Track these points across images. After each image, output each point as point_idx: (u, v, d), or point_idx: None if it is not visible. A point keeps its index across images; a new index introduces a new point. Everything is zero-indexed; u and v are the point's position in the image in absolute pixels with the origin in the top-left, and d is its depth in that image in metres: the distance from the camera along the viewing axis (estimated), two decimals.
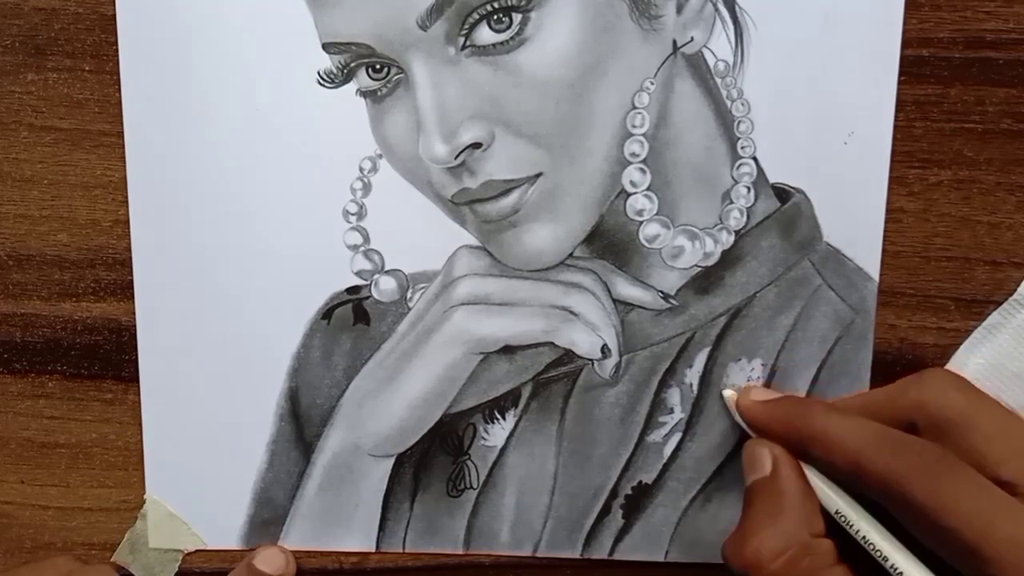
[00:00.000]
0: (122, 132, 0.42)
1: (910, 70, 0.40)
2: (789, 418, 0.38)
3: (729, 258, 0.42)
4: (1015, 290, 0.42)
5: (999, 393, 0.40)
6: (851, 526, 0.36)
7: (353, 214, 0.41)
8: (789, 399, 0.40)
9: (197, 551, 0.45)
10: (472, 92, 0.39)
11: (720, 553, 0.38)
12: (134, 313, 0.43)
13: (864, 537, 0.36)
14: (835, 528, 0.37)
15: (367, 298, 0.42)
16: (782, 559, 0.35)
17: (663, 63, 0.40)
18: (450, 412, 0.43)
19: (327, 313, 0.43)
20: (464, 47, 0.39)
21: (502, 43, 0.38)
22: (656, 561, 0.44)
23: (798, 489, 0.37)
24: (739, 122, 0.41)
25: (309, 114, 0.41)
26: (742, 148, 0.41)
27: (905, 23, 0.40)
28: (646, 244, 0.41)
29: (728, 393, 0.42)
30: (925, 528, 0.33)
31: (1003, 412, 0.37)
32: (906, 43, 0.40)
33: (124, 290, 0.43)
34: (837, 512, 0.37)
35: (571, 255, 0.41)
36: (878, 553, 0.35)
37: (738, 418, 0.41)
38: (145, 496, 0.44)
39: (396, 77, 0.40)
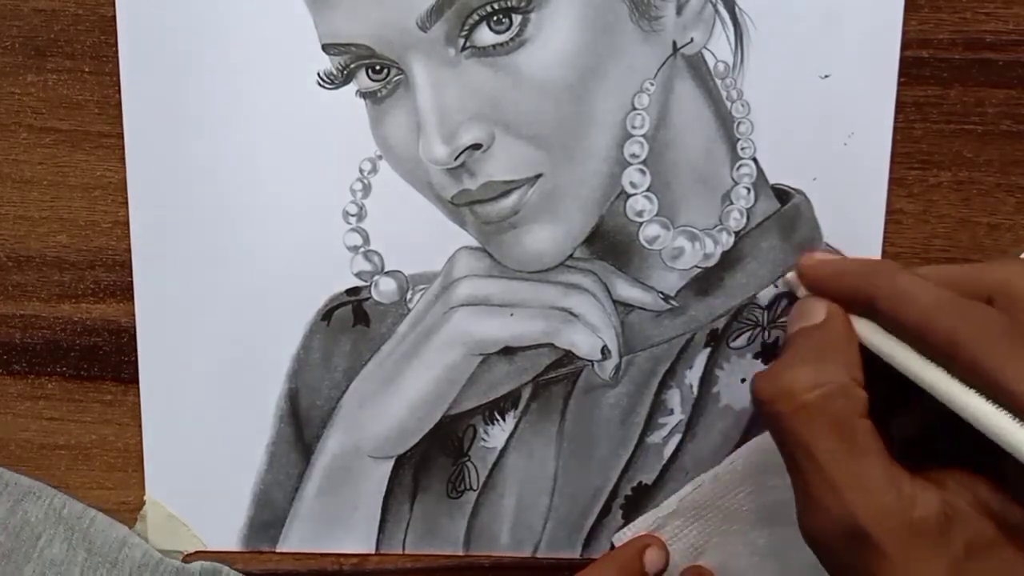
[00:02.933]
0: (122, 133, 0.42)
1: (910, 71, 0.40)
2: (860, 271, 0.37)
3: (729, 259, 0.42)
4: None
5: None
6: (927, 363, 0.34)
7: (353, 215, 0.41)
8: (857, 258, 0.39)
9: (197, 552, 0.45)
10: (472, 93, 0.39)
11: (749, 388, 0.36)
12: (134, 314, 0.43)
13: (925, 380, 0.34)
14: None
15: (367, 299, 0.42)
16: (818, 391, 0.34)
17: (663, 64, 0.40)
18: (450, 413, 0.43)
19: (327, 314, 0.43)
20: (464, 48, 0.39)
21: (502, 44, 0.38)
22: None
23: (847, 338, 0.36)
24: (739, 123, 0.41)
25: (309, 115, 0.41)
26: (742, 149, 0.41)
27: (905, 24, 0.40)
28: (646, 245, 0.41)
29: (790, 275, 0.39)
30: (988, 393, 0.32)
31: None
32: (906, 44, 0.40)
33: (124, 291, 0.43)
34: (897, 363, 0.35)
35: (571, 256, 0.41)
36: (940, 395, 0.33)
37: (801, 292, 0.38)
38: (145, 497, 0.44)
39: (396, 78, 0.40)
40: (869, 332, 0.36)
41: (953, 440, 0.34)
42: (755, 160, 0.41)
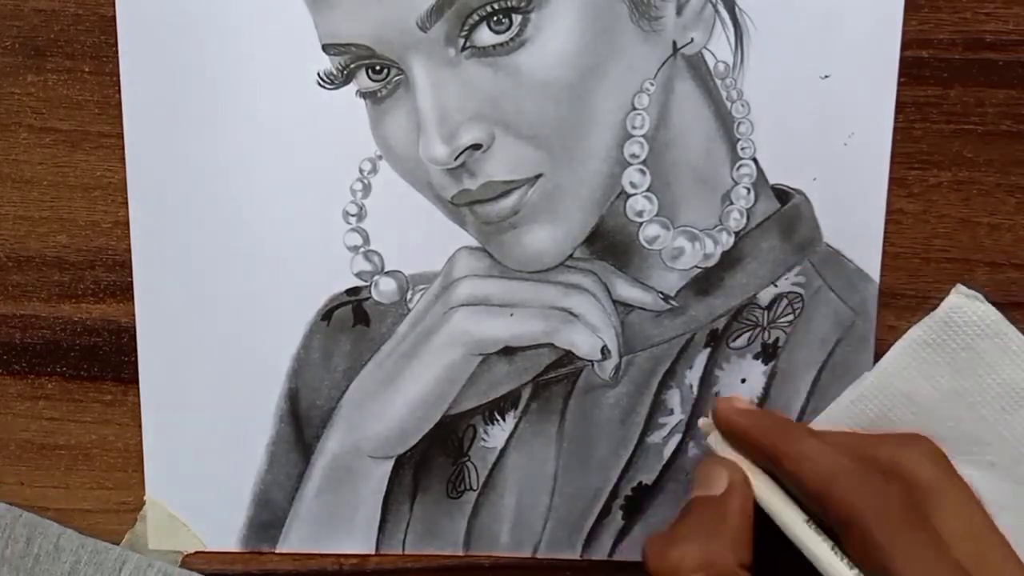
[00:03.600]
0: (122, 133, 0.42)
1: (910, 71, 0.40)
2: (770, 429, 0.38)
3: (729, 259, 0.42)
4: (1013, 291, 0.42)
5: (887, 412, 0.41)
6: (819, 534, 0.36)
7: (353, 215, 0.41)
8: (771, 412, 0.41)
9: (196, 552, 0.45)
10: (472, 93, 0.39)
11: (640, 549, 0.37)
12: (134, 314, 0.43)
13: (832, 547, 0.36)
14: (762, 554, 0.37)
15: (367, 299, 0.42)
16: (702, 574, 0.35)
17: (663, 64, 0.40)
18: (450, 413, 0.43)
19: (327, 314, 0.43)
20: (464, 48, 0.39)
21: (502, 44, 0.38)
22: None
23: (742, 517, 0.37)
24: (739, 123, 0.41)
25: (309, 115, 0.41)
26: (742, 149, 0.41)
27: (905, 24, 0.40)
28: (646, 245, 0.41)
29: (703, 420, 0.40)
30: (873, 567, 0.34)
31: (968, 496, 0.37)
32: (906, 44, 0.40)
33: (124, 291, 0.43)
34: (807, 521, 0.36)
35: (571, 256, 0.41)
36: (846, 562, 0.35)
37: (711, 439, 0.40)
38: (145, 497, 0.44)
39: (396, 78, 0.40)
40: (768, 496, 0.37)
41: None
42: (755, 160, 0.41)
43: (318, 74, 0.40)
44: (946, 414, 0.40)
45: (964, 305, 0.40)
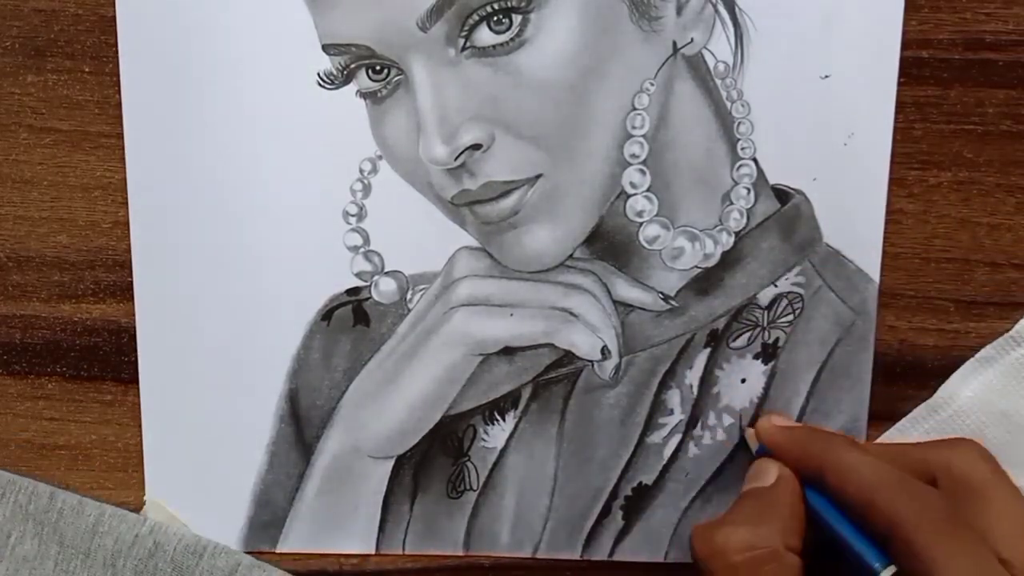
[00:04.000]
0: (122, 134, 0.42)
1: (910, 71, 0.40)
2: (811, 443, 0.39)
3: (729, 259, 0.42)
4: (1013, 291, 0.42)
5: (983, 429, 0.41)
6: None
7: (353, 215, 0.41)
8: (812, 427, 0.41)
9: None
10: (472, 93, 0.39)
11: (687, 539, 0.37)
12: (134, 314, 0.43)
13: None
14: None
15: (367, 299, 0.42)
16: (747, 554, 0.35)
17: (663, 64, 0.40)
18: (450, 413, 0.43)
19: (327, 314, 0.43)
20: (464, 48, 0.39)
21: (502, 44, 0.38)
22: (656, 562, 0.44)
23: (792, 504, 0.37)
24: (739, 123, 0.41)
25: (309, 115, 0.41)
26: (742, 149, 0.41)
27: (905, 24, 0.40)
28: (646, 245, 0.41)
29: (749, 431, 0.42)
30: (918, 574, 0.34)
31: (1018, 497, 0.37)
32: (906, 44, 0.40)
33: (124, 291, 0.43)
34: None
35: (571, 256, 0.41)
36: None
37: (752, 443, 0.41)
38: (145, 498, 0.44)
39: (396, 78, 0.40)
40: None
41: None
42: (755, 160, 0.41)
43: (318, 74, 0.40)
44: None
45: None
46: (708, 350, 0.42)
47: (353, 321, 0.43)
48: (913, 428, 0.42)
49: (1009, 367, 0.41)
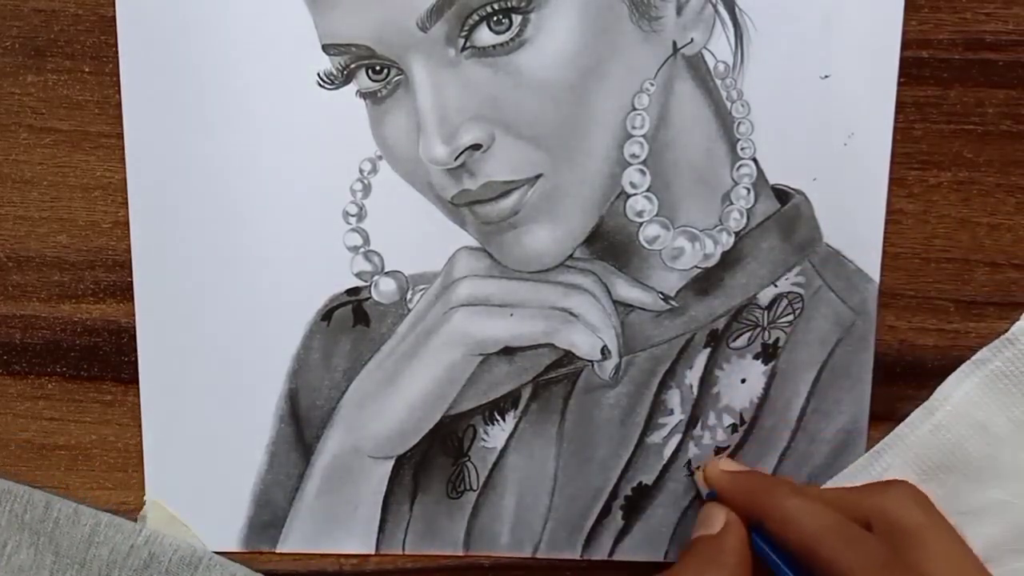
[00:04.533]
0: (122, 134, 0.42)
1: (910, 71, 0.40)
2: (753, 490, 0.40)
3: (729, 259, 0.42)
4: (1013, 291, 0.42)
5: (962, 442, 0.41)
6: None
7: (353, 215, 0.41)
8: (756, 473, 0.42)
9: None
10: (472, 94, 0.39)
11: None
12: (134, 315, 0.43)
13: None
14: None
15: (367, 299, 0.42)
16: None
17: (663, 64, 0.40)
18: (450, 414, 0.43)
19: (327, 315, 0.43)
20: (464, 48, 0.39)
21: (502, 44, 0.38)
22: (656, 562, 0.44)
23: (739, 553, 0.38)
24: (739, 123, 0.41)
25: (309, 115, 0.41)
26: (742, 149, 0.41)
27: (905, 24, 0.40)
28: (646, 245, 0.41)
29: (697, 473, 0.42)
30: None
31: (954, 537, 0.38)
32: (906, 44, 0.40)
33: (124, 292, 0.43)
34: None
35: (571, 256, 0.41)
36: None
37: (702, 487, 0.42)
38: (145, 498, 0.44)
39: (396, 78, 0.40)
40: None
41: None
42: (755, 160, 0.41)
43: (318, 74, 0.40)
44: (1019, 444, 0.40)
45: None
46: (708, 350, 0.42)
47: (353, 321, 0.43)
48: (909, 432, 0.42)
49: (988, 377, 0.41)
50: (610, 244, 0.42)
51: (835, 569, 0.35)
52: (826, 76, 0.40)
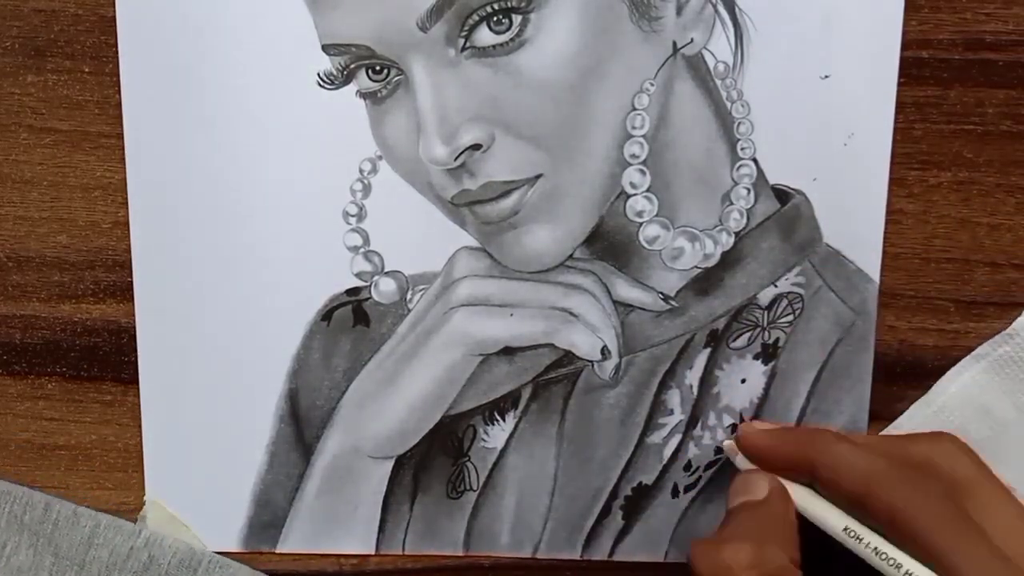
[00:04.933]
0: (122, 134, 0.42)
1: (910, 72, 0.40)
2: (799, 441, 0.38)
3: (729, 259, 0.42)
4: (1013, 291, 0.42)
5: (966, 425, 0.41)
6: (860, 539, 0.36)
7: (353, 215, 0.41)
8: (796, 426, 0.40)
9: None
10: (472, 94, 0.39)
11: (686, 555, 0.37)
12: (134, 315, 0.43)
13: (875, 548, 0.35)
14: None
15: (367, 300, 0.42)
16: (755, 572, 0.35)
17: (663, 64, 0.40)
18: (450, 414, 0.43)
19: (327, 315, 0.43)
20: (464, 49, 0.39)
21: (502, 45, 0.38)
22: (656, 562, 0.44)
23: (787, 517, 0.37)
24: (739, 123, 0.41)
25: (309, 115, 0.41)
26: (742, 149, 0.41)
27: (905, 25, 0.40)
28: (646, 245, 0.41)
29: (727, 443, 0.41)
30: (924, 560, 0.34)
31: (1002, 489, 0.37)
32: (906, 45, 0.40)
33: (124, 292, 0.43)
34: (846, 528, 0.36)
35: (571, 257, 0.41)
36: (891, 562, 0.35)
37: (739, 460, 0.40)
38: (145, 498, 0.44)
39: (396, 79, 0.40)
40: (808, 503, 0.38)
41: None
42: (755, 160, 0.41)
43: (318, 74, 0.40)
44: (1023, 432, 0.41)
45: None
46: (708, 350, 0.42)
47: (353, 321, 0.43)
48: (908, 423, 0.42)
49: (993, 363, 0.41)
50: (610, 244, 0.42)
51: (893, 511, 0.34)
52: (826, 76, 0.40)
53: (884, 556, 0.35)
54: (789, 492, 0.38)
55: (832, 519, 0.37)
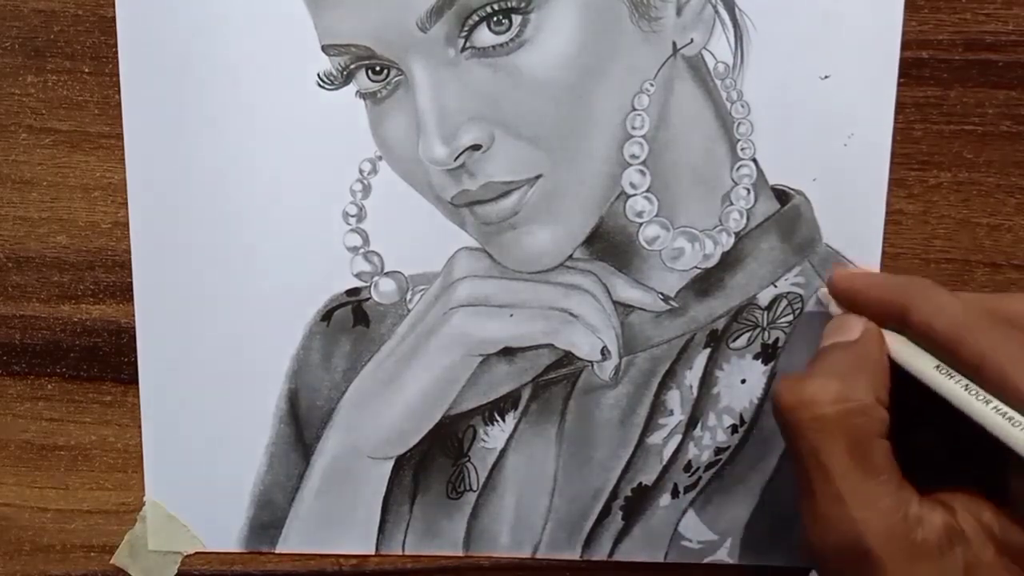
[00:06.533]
0: (121, 134, 0.42)
1: (910, 72, 0.40)
2: (894, 285, 0.38)
3: (729, 260, 0.42)
4: (1013, 292, 0.42)
5: None
6: (951, 376, 0.35)
7: (353, 216, 0.41)
8: (888, 274, 0.39)
9: (196, 553, 0.45)
10: (472, 94, 0.39)
11: (772, 394, 0.36)
12: (133, 315, 0.43)
13: (966, 385, 0.35)
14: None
15: (367, 300, 0.42)
16: (840, 406, 0.34)
17: (663, 65, 0.40)
18: (450, 414, 0.43)
19: (327, 315, 0.43)
20: (464, 49, 0.39)
21: (502, 45, 0.38)
22: (656, 562, 0.44)
23: (878, 358, 0.36)
24: (739, 124, 0.41)
25: (309, 116, 0.41)
26: (742, 150, 0.41)
27: (904, 25, 0.40)
28: (646, 246, 0.41)
29: (822, 291, 0.41)
30: (1013, 406, 0.33)
31: None
32: (905, 45, 0.40)
33: (123, 292, 0.43)
34: (938, 366, 0.36)
35: (571, 257, 0.41)
36: (982, 397, 0.34)
37: (833, 307, 0.40)
38: (144, 498, 0.44)
39: (396, 79, 0.40)
40: (899, 346, 0.37)
41: (967, 461, 0.35)
42: (755, 161, 0.41)
43: (318, 75, 0.40)
44: None
45: None
46: (708, 351, 0.42)
47: (353, 322, 0.43)
48: None
49: None
50: (610, 244, 0.42)
51: (986, 355, 0.34)
52: (826, 76, 0.40)
53: (975, 393, 0.34)
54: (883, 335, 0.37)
55: (923, 360, 0.36)
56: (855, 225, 0.41)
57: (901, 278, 0.39)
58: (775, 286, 0.42)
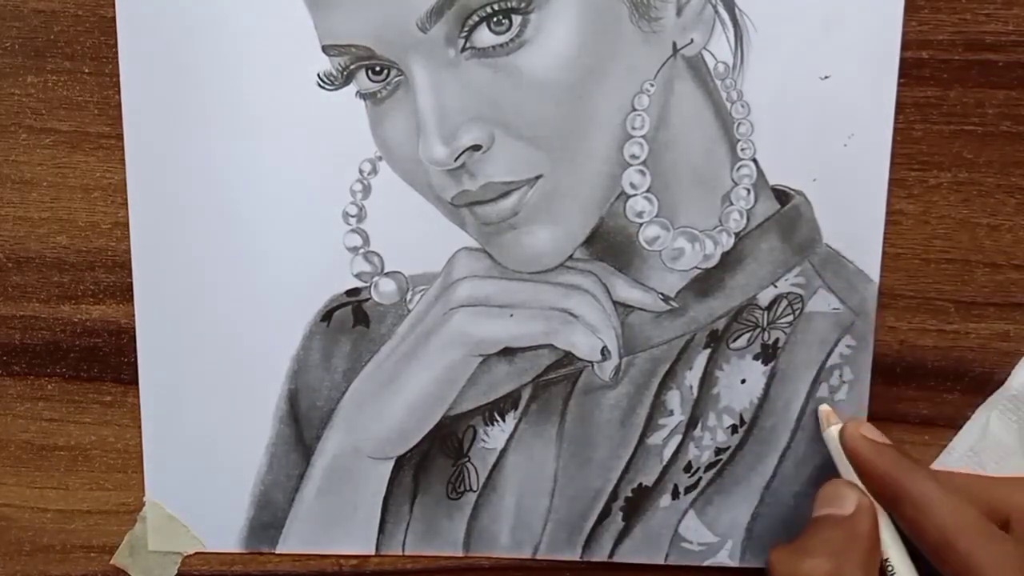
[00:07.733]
0: (122, 134, 0.42)
1: (910, 72, 0.40)
2: (895, 467, 0.38)
3: (729, 260, 0.42)
4: (1013, 292, 0.42)
5: (999, 461, 0.41)
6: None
7: (353, 216, 0.41)
8: (897, 449, 0.40)
9: (196, 553, 0.45)
10: (472, 94, 0.39)
11: (765, 560, 0.37)
12: (133, 315, 0.43)
13: None
14: None
15: (367, 300, 0.42)
16: None
17: (663, 65, 0.40)
18: (450, 414, 0.43)
19: (327, 315, 0.43)
20: (464, 49, 0.39)
21: (502, 45, 0.38)
22: (656, 563, 0.44)
23: (870, 537, 0.37)
24: (739, 124, 0.41)
25: (309, 116, 0.41)
26: (742, 150, 0.41)
27: (905, 25, 0.40)
28: (646, 246, 0.41)
29: (824, 408, 0.41)
30: None
31: None
32: (906, 45, 0.40)
33: (123, 292, 0.43)
34: (886, 560, 0.37)
35: (571, 257, 0.41)
36: None
37: (827, 434, 0.40)
38: (144, 498, 0.44)
39: (396, 79, 0.40)
40: (886, 535, 0.38)
41: None
42: (755, 161, 0.41)
43: (318, 75, 0.40)
44: None
45: None
46: (708, 351, 0.42)
47: (353, 322, 0.43)
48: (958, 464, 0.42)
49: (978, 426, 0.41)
50: (610, 245, 0.42)
51: (970, 565, 0.34)
52: (826, 77, 0.40)
53: None
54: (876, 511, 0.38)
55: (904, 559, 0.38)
56: (855, 225, 0.41)
57: (900, 460, 0.39)
58: (775, 286, 0.42)
